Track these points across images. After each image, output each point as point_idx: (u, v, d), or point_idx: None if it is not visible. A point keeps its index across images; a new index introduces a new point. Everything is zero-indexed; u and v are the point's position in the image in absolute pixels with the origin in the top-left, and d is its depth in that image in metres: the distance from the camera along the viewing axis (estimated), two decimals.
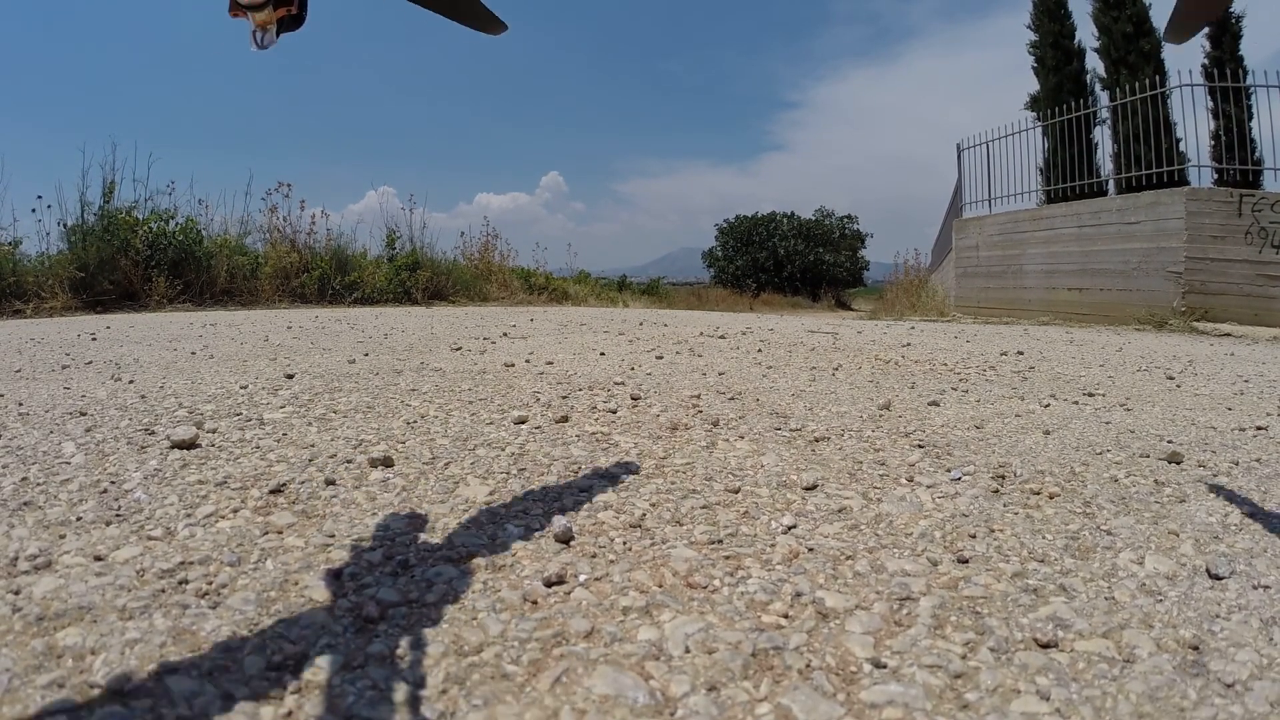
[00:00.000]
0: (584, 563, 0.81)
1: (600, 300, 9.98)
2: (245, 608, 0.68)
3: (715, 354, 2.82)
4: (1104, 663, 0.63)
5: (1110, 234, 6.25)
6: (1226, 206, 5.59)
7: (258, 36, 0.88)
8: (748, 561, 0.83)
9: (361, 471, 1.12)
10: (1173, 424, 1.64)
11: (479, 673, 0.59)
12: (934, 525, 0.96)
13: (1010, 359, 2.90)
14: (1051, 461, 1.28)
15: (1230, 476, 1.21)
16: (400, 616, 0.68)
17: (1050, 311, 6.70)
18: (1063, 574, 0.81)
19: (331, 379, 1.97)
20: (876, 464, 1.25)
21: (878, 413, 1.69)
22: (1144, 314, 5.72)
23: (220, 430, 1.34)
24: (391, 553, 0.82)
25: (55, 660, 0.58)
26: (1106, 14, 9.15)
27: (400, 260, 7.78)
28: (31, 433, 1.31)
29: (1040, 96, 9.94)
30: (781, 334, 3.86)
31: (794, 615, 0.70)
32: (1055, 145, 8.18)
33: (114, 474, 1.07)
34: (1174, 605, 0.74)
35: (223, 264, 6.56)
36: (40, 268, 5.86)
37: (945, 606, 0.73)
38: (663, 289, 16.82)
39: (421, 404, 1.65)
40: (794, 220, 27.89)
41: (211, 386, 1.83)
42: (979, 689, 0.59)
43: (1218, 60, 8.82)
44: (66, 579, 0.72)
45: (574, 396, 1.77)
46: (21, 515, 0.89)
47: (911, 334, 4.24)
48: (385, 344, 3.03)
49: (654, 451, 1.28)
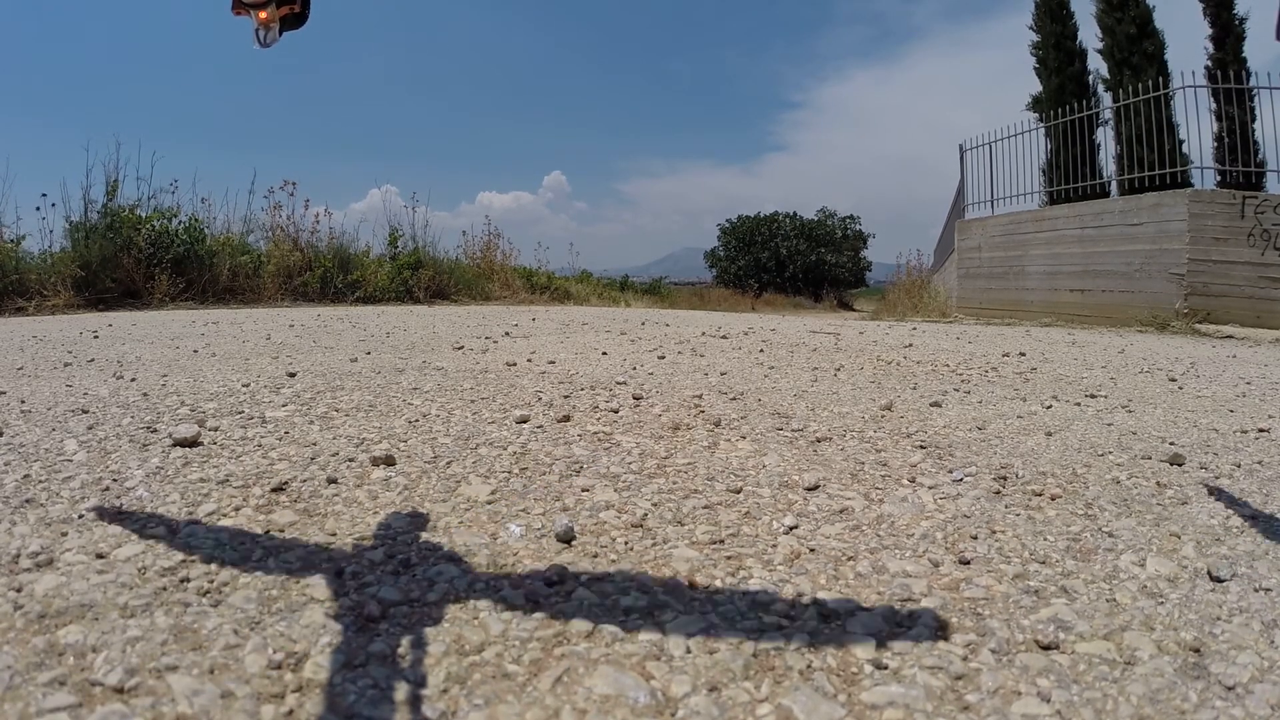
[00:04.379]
0: (586, 562, 0.81)
1: (602, 300, 9.98)
2: (247, 606, 0.68)
3: (717, 354, 2.82)
4: (1105, 665, 0.63)
5: (1112, 235, 6.24)
6: (1229, 208, 5.57)
7: (261, 34, 0.88)
8: (749, 562, 0.83)
9: (363, 470, 1.12)
10: (1175, 426, 1.64)
11: (480, 672, 0.59)
12: (936, 526, 0.96)
13: (1012, 360, 2.90)
14: (1053, 463, 1.28)
15: (1232, 479, 1.21)
16: (402, 615, 0.68)
17: (1052, 313, 6.69)
18: (1064, 576, 0.81)
19: (334, 377, 1.97)
20: (878, 465, 1.25)
21: (880, 413, 1.69)
22: (1146, 316, 5.71)
23: (222, 428, 1.35)
24: (393, 551, 0.82)
25: (57, 658, 0.58)
26: (1110, 15, 9.14)
27: (403, 259, 7.78)
28: (33, 430, 1.31)
29: (1043, 97, 9.93)
30: (783, 334, 3.86)
31: (795, 615, 0.70)
32: (1058, 146, 8.17)
33: (116, 471, 1.07)
34: (1175, 607, 0.74)
35: (225, 262, 6.56)
36: (43, 265, 5.86)
37: (946, 608, 0.73)
38: (665, 289, 16.81)
39: (423, 403, 1.65)
40: (796, 221, 27.88)
41: (213, 384, 1.83)
42: (980, 690, 0.59)
43: (1221, 62, 8.81)
44: (68, 576, 0.72)
45: (576, 396, 1.77)
46: (23, 513, 0.90)
47: (913, 335, 4.24)
48: (387, 343, 3.03)
49: (656, 451, 1.28)
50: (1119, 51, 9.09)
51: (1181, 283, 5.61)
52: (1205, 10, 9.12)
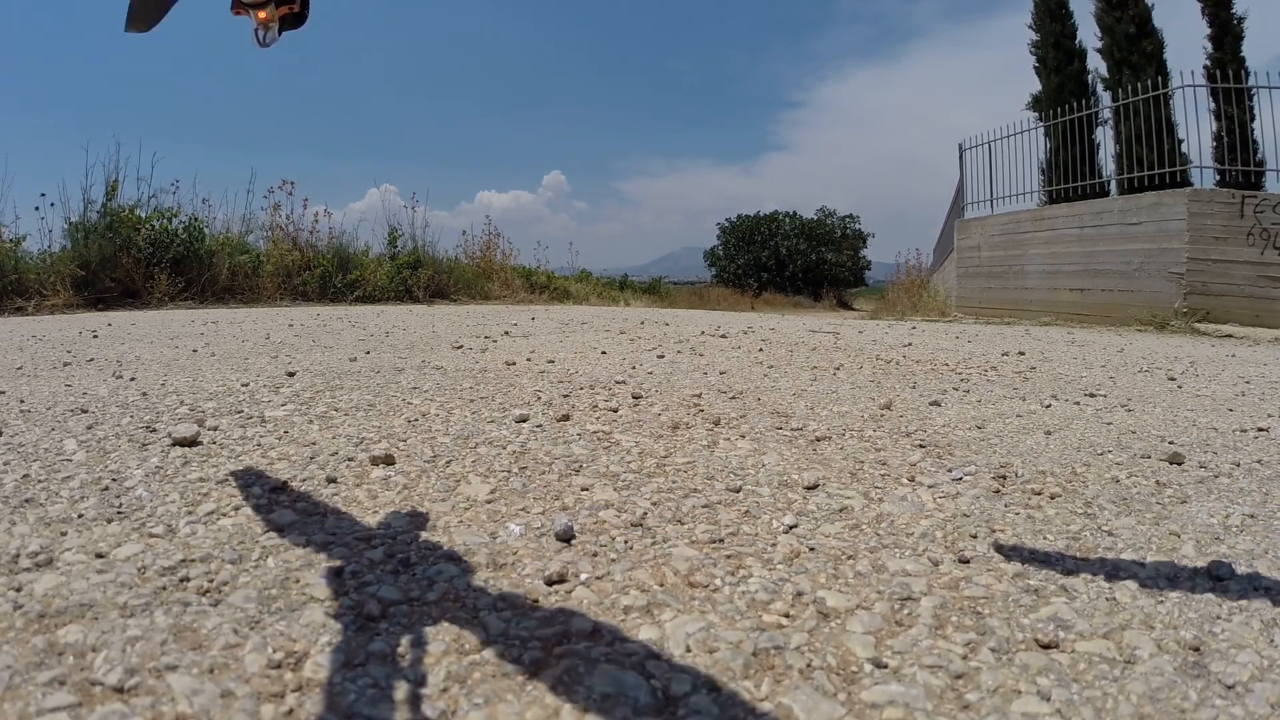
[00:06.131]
0: (585, 561, 0.81)
1: (602, 299, 9.98)
2: (246, 605, 0.68)
3: (717, 353, 2.82)
4: (1105, 664, 0.63)
5: (1112, 235, 6.24)
6: (1228, 208, 5.58)
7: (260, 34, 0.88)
8: (749, 561, 0.83)
9: (363, 469, 1.12)
10: (1174, 425, 1.64)
11: (480, 671, 0.59)
12: (935, 525, 0.96)
13: (1012, 359, 2.90)
14: (1053, 462, 1.28)
15: (1231, 478, 1.21)
16: (401, 615, 0.68)
17: (1052, 312, 6.69)
18: (1064, 574, 0.81)
19: (333, 377, 1.97)
20: (878, 464, 1.25)
21: (879, 412, 1.69)
22: (1145, 315, 5.71)
23: (222, 428, 1.34)
24: (393, 551, 0.82)
25: (57, 657, 0.58)
26: (1109, 14, 9.14)
27: (402, 258, 7.78)
28: (33, 430, 1.31)
29: (1042, 97, 9.93)
30: (783, 333, 3.86)
31: (795, 615, 0.70)
32: (1057, 146, 8.17)
33: (115, 471, 1.07)
34: (1175, 606, 0.74)
35: (224, 262, 6.56)
36: (42, 265, 5.86)
37: (946, 606, 0.73)
38: (664, 288, 16.80)
39: (423, 402, 1.65)
40: (796, 220, 27.88)
41: (213, 384, 1.83)
42: (980, 689, 0.59)
43: (1220, 61, 8.81)
44: (68, 576, 0.72)
45: (575, 395, 1.77)
46: (23, 512, 0.89)
47: (913, 334, 4.24)
48: (387, 342, 3.03)
49: (655, 450, 1.28)
50: (1118, 51, 9.09)
51: (1181, 282, 5.61)
52: (1204, 10, 9.12)
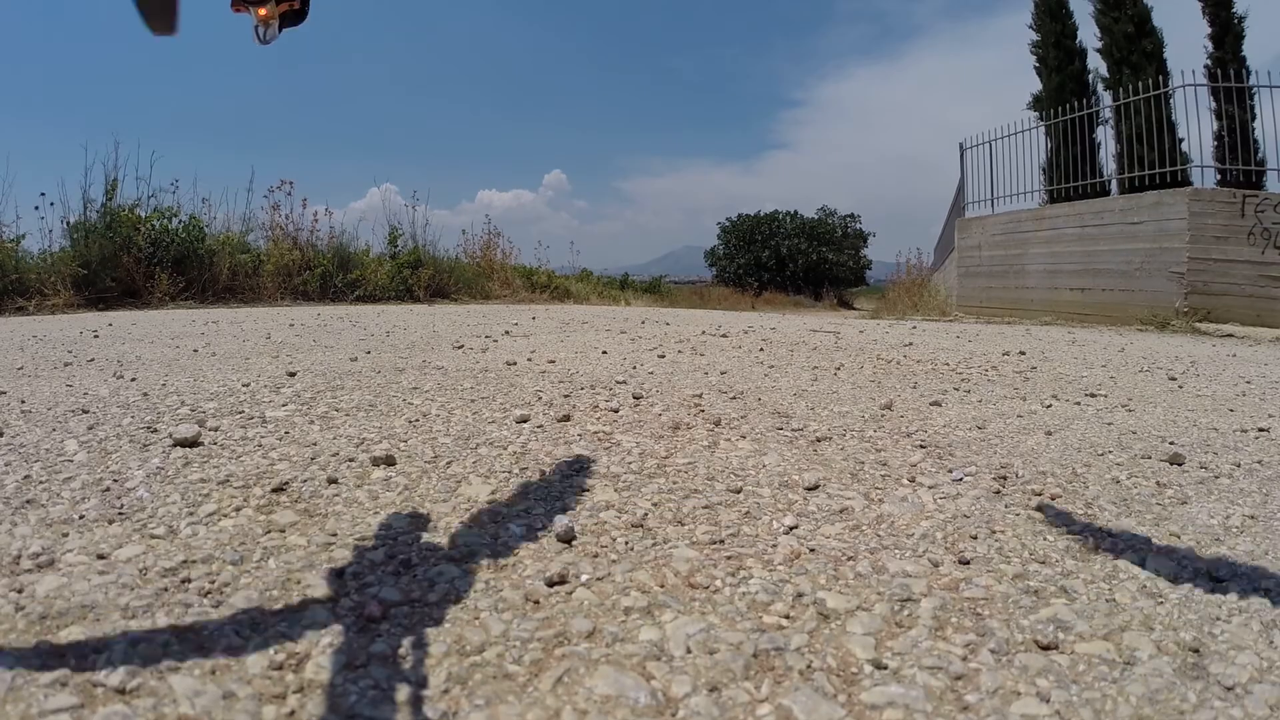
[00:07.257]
0: (586, 562, 0.81)
1: (602, 298, 9.98)
2: (248, 606, 0.68)
3: (717, 353, 2.82)
4: (1104, 665, 0.63)
5: (1113, 234, 6.24)
6: (1229, 207, 5.57)
7: (260, 31, 0.88)
8: (749, 562, 0.83)
9: (364, 470, 1.12)
10: (1174, 425, 1.64)
11: (481, 672, 0.59)
12: (935, 526, 0.96)
13: (1012, 359, 2.90)
14: (1053, 462, 1.28)
15: (1232, 478, 1.21)
16: (402, 616, 0.68)
17: (1052, 311, 6.69)
18: (1064, 575, 0.81)
19: (334, 377, 1.97)
20: (878, 464, 1.25)
21: (880, 413, 1.69)
22: (1146, 314, 5.71)
23: (222, 428, 1.35)
24: (394, 552, 0.82)
25: (58, 659, 0.58)
26: (1107, 14, 9.13)
27: (402, 258, 7.78)
28: (34, 430, 1.31)
29: (1042, 96, 9.91)
30: (783, 333, 3.86)
31: (795, 616, 0.71)
32: (1058, 145, 8.16)
33: (116, 472, 1.07)
34: (1175, 608, 0.74)
35: (225, 261, 6.56)
36: (43, 265, 5.86)
37: (946, 608, 0.73)
38: (665, 287, 16.79)
39: (423, 402, 1.65)
40: (797, 219, 27.88)
41: (214, 384, 1.83)
42: (979, 690, 0.59)
43: (1220, 61, 8.79)
44: (69, 577, 0.72)
45: (576, 395, 1.78)
46: (24, 513, 0.90)
47: (913, 334, 4.24)
48: (387, 342, 3.03)
49: (656, 451, 1.28)
50: (1117, 50, 9.07)
51: (1181, 281, 5.61)
52: (1204, 9, 9.11)
